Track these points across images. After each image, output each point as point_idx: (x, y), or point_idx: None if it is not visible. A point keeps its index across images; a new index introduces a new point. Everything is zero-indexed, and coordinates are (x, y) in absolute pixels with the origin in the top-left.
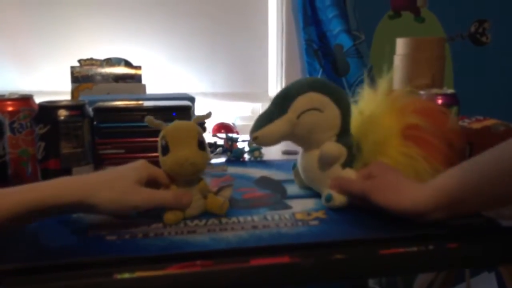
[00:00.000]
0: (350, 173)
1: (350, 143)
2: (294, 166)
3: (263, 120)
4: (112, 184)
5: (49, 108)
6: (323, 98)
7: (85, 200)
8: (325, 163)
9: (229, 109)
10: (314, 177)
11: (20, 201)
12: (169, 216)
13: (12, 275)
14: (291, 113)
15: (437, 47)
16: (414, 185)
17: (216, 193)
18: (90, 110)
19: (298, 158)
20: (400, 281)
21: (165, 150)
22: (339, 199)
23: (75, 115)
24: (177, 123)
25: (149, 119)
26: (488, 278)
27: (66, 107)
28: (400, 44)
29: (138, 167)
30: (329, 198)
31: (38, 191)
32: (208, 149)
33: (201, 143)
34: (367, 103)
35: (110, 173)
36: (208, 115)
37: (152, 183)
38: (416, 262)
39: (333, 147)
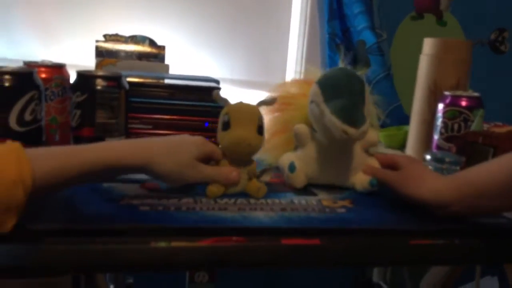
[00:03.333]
0: (374, 161)
1: None
2: (294, 169)
3: (361, 113)
4: (176, 156)
5: (88, 77)
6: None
7: (148, 166)
8: (369, 150)
9: (244, 97)
10: (346, 167)
11: (94, 159)
12: (212, 189)
13: (53, 236)
14: (367, 103)
15: (464, 50)
16: (436, 176)
17: (259, 175)
18: (126, 83)
19: (310, 155)
20: (408, 280)
21: (226, 125)
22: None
23: (112, 86)
24: (242, 103)
25: (216, 93)
26: (490, 281)
27: (104, 77)
28: (428, 44)
29: (199, 144)
30: (375, 183)
31: (109, 150)
32: (265, 135)
33: (260, 128)
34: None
35: (174, 144)
36: (273, 101)
37: (205, 158)
38: (441, 254)
39: (376, 134)
